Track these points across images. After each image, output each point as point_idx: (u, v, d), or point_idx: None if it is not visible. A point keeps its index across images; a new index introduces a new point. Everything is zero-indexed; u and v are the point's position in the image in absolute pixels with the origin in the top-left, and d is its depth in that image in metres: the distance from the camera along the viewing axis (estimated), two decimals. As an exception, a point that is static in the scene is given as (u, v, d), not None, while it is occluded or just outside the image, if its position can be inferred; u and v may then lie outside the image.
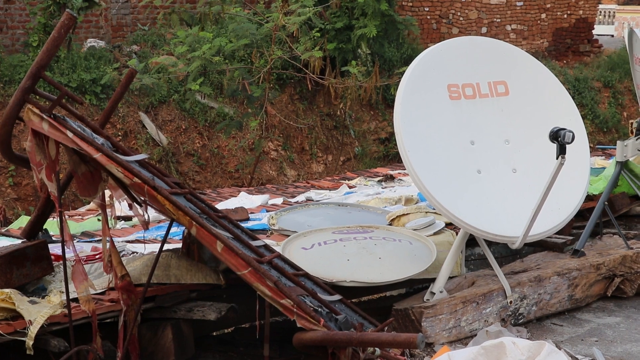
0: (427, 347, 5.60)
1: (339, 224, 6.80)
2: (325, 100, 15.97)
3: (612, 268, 6.63)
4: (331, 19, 15.34)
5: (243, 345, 5.91)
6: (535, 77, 6.49)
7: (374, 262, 6.03)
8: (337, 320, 4.86)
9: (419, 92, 5.96)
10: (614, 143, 8.68)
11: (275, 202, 8.17)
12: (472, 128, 6.10)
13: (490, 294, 5.97)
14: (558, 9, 20.92)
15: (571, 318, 6.38)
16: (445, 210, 5.73)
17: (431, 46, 6.35)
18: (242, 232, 5.48)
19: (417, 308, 5.72)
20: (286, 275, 5.07)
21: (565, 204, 6.11)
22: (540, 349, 4.67)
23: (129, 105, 14.26)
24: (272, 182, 14.32)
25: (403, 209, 7.04)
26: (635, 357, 5.61)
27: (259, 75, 12.93)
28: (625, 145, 7.55)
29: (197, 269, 5.41)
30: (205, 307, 5.29)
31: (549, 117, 6.17)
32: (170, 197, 4.81)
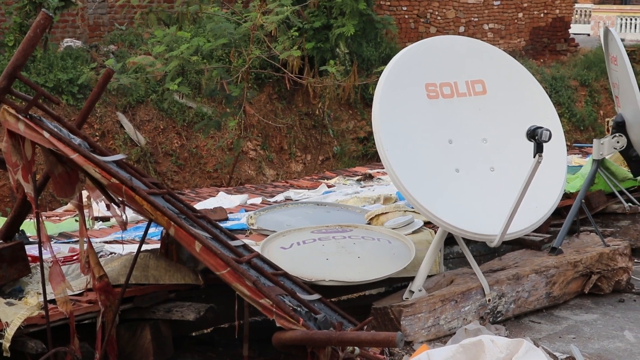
0: (406, 345, 5.61)
1: (318, 223, 6.80)
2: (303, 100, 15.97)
3: (589, 265, 6.67)
4: (309, 18, 15.35)
5: (222, 346, 5.91)
6: (512, 76, 6.52)
7: (353, 261, 6.03)
8: (317, 320, 4.86)
9: (397, 91, 5.98)
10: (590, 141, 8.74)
11: (254, 201, 8.16)
12: (450, 127, 6.12)
13: (469, 292, 5.99)
14: (535, 8, 21.03)
15: (549, 315, 6.42)
16: (423, 209, 5.74)
17: (409, 45, 6.36)
18: (220, 232, 5.47)
19: (396, 307, 5.73)
20: (265, 275, 5.06)
21: (543, 202, 6.14)
22: (519, 347, 4.69)
23: (106, 105, 14.19)
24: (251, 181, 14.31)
25: (382, 208, 7.05)
26: (612, 353, 5.65)
27: (237, 74, 12.91)
28: (601, 144, 7.60)
29: (176, 269, 5.39)
30: (184, 308, 5.28)
31: (526, 116, 6.20)
32: (149, 198, 4.80)
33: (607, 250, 6.79)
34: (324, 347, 4.61)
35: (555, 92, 18.63)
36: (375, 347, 5.01)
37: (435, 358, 4.71)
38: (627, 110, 7.62)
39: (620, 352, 5.68)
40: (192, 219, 5.16)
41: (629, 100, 7.52)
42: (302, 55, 13.45)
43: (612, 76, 7.99)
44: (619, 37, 7.76)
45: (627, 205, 7.91)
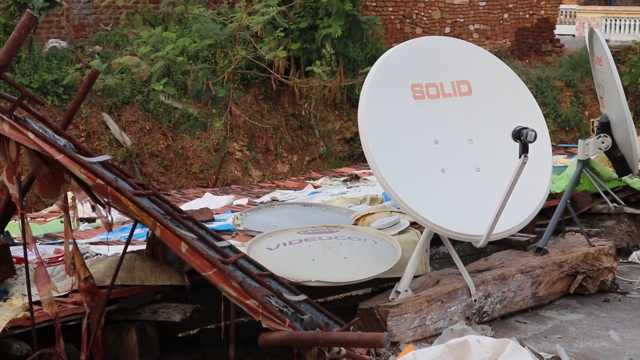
0: (392, 346, 5.61)
1: (304, 224, 6.80)
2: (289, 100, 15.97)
3: (575, 265, 6.70)
4: (295, 18, 15.34)
5: (208, 346, 5.90)
6: (498, 76, 6.53)
7: (339, 261, 6.03)
8: (303, 320, 4.86)
9: (383, 91, 5.98)
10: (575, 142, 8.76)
11: (240, 202, 8.15)
12: (435, 127, 6.13)
13: (455, 292, 6.00)
14: (520, 9, 21.09)
15: (535, 315, 6.43)
16: (409, 209, 5.75)
17: (395, 46, 6.37)
18: (206, 233, 5.46)
19: (383, 307, 5.73)
20: (251, 276, 5.06)
21: (528, 202, 6.16)
22: (505, 347, 4.70)
23: (91, 106, 14.15)
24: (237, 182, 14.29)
25: (368, 209, 7.06)
26: (597, 353, 5.67)
27: (223, 75, 12.89)
28: (586, 144, 7.62)
29: (162, 270, 5.38)
30: (170, 309, 5.27)
31: (511, 116, 6.22)
32: (134, 199, 4.78)
33: (592, 251, 6.81)
34: (310, 348, 4.61)
35: (541, 93, 18.68)
36: (362, 347, 5.01)
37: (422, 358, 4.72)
38: (611, 111, 7.65)
39: (606, 351, 5.70)
40: (178, 220, 5.15)
41: (614, 101, 7.55)
42: (288, 56, 13.45)
43: (596, 77, 8.01)
44: (604, 37, 7.79)
45: (612, 206, 7.94)
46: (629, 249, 7.93)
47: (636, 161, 7.73)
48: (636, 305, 6.68)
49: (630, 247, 7.94)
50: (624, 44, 21.66)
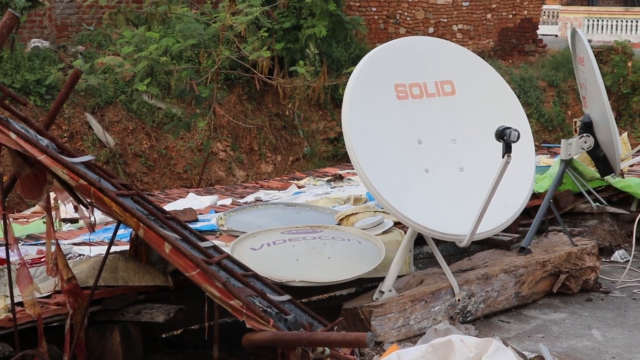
0: (376, 346, 5.62)
1: (288, 224, 6.79)
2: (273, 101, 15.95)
3: (558, 265, 6.72)
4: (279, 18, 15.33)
5: (192, 347, 5.89)
6: (481, 76, 6.55)
7: (323, 261, 6.03)
8: (287, 321, 4.85)
9: (367, 91, 5.99)
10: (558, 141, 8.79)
11: (224, 202, 8.14)
12: (419, 127, 6.14)
13: (439, 292, 6.01)
14: (503, 9, 21.15)
15: (518, 315, 6.45)
16: (393, 209, 5.76)
17: (379, 46, 6.38)
18: (190, 233, 5.45)
19: (367, 307, 5.74)
20: (235, 276, 5.05)
21: (512, 202, 6.18)
22: (488, 346, 4.71)
23: (74, 106, 14.09)
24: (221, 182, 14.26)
25: (352, 209, 7.06)
26: (580, 352, 5.69)
27: (207, 75, 12.86)
28: (569, 144, 7.65)
29: (145, 271, 5.36)
30: (154, 309, 5.25)
31: (494, 116, 6.24)
32: (117, 199, 4.77)
33: (575, 250, 6.84)
34: (294, 348, 4.61)
35: (524, 93, 18.75)
36: (346, 347, 5.01)
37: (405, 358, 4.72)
38: (594, 111, 7.68)
39: (589, 350, 5.73)
40: (161, 220, 5.14)
41: (596, 101, 7.58)
42: (272, 56, 13.44)
43: (579, 77, 8.05)
44: (586, 38, 7.82)
45: (595, 205, 7.97)
46: (612, 248, 7.97)
47: (618, 161, 7.77)
48: (618, 304, 6.71)
49: (612, 247, 7.98)
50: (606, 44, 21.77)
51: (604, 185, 8.24)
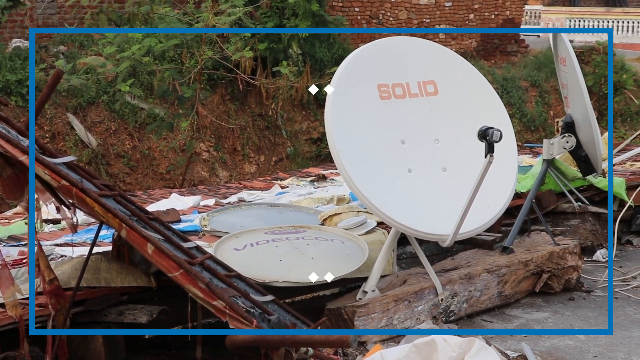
0: (359, 346, 5.62)
1: (271, 224, 6.79)
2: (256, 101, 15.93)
3: (540, 264, 6.75)
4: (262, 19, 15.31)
5: (175, 348, 5.87)
6: (463, 77, 6.57)
7: (306, 262, 6.03)
8: (270, 321, 4.85)
9: (350, 91, 5.99)
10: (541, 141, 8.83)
11: (207, 203, 8.12)
12: (402, 127, 6.15)
13: (422, 292, 6.02)
14: (486, 10, 21.21)
15: (501, 314, 6.47)
16: (376, 209, 5.76)
17: (362, 46, 6.38)
18: (173, 233, 5.43)
19: (350, 307, 5.74)
20: (218, 277, 5.04)
21: (494, 201, 6.20)
22: (471, 346, 4.72)
23: (56, 106, 14.03)
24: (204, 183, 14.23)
25: (335, 209, 7.07)
26: (562, 351, 5.72)
27: (190, 75, 12.84)
28: (551, 144, 7.68)
29: (128, 271, 5.35)
30: (137, 310, 5.24)
31: (477, 116, 6.25)
32: (100, 200, 4.75)
33: (557, 249, 6.87)
34: (277, 348, 4.61)
35: (506, 93, 18.80)
36: (329, 347, 5.01)
37: (389, 358, 4.73)
38: (576, 111, 7.71)
39: (571, 349, 5.75)
40: (144, 221, 5.12)
41: (578, 101, 7.62)
42: (255, 56, 13.42)
43: (561, 77, 8.07)
44: (568, 38, 7.85)
45: (577, 205, 8.00)
46: (594, 247, 8.00)
47: (600, 160, 7.80)
48: (600, 303, 6.74)
49: (594, 246, 8.01)
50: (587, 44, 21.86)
51: (585, 185, 8.27)
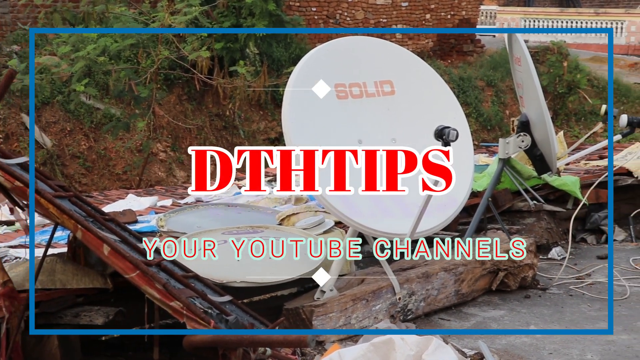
0: (317, 345, 5.63)
1: (229, 224, 6.77)
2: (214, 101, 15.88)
3: (497, 263, 6.80)
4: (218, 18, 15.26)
5: (132, 350, 5.82)
6: (420, 76, 6.59)
7: (264, 262, 6.02)
8: (228, 321, 4.83)
9: (307, 91, 5.98)
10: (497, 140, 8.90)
11: (164, 203, 8.08)
12: (359, 127, 6.16)
13: (380, 291, 6.04)
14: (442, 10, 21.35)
15: (458, 312, 6.51)
16: (334, 208, 5.77)
17: (319, 46, 6.38)
18: (129, 234, 5.39)
19: (308, 307, 5.74)
20: (175, 278, 5.01)
21: (451, 200, 6.23)
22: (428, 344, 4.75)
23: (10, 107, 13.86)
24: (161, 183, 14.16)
25: (293, 209, 7.06)
26: (518, 348, 5.77)
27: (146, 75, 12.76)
28: (507, 143, 7.74)
29: (84, 273, 5.30)
30: (93, 312, 5.19)
31: (433, 116, 6.28)
32: (54, 201, 4.70)
33: (513, 247, 6.92)
34: (235, 349, 4.59)
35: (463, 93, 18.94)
36: (287, 347, 5.01)
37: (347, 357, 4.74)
38: (531, 110, 7.79)
39: (527, 346, 5.81)
40: (100, 222, 5.08)
41: (533, 101, 7.69)
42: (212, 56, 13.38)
43: (516, 77, 8.15)
44: (523, 38, 7.92)
45: (532, 203, 8.08)
46: (549, 245, 8.08)
47: (554, 159, 7.89)
48: (555, 300, 6.82)
49: (549, 244, 8.09)
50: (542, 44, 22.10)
51: (541, 184, 8.35)
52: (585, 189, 8.43)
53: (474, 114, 18.84)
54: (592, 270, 7.59)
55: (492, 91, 19.94)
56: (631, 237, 8.77)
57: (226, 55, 15.11)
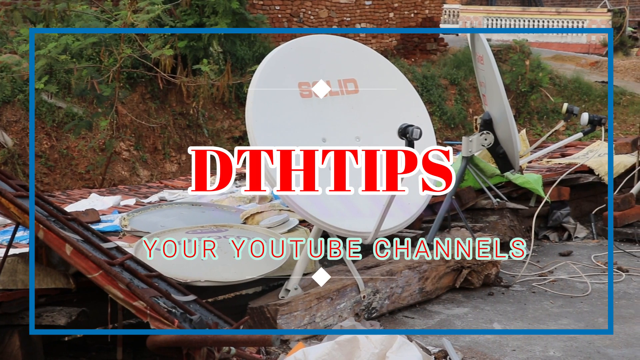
0: (282, 344, 5.63)
1: (193, 223, 6.75)
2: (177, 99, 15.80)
3: (460, 260, 6.84)
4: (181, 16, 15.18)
5: (95, 350, 5.78)
6: (384, 75, 6.61)
7: (228, 261, 6.01)
8: (192, 321, 4.82)
9: (271, 90, 5.98)
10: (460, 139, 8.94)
11: (128, 203, 8.02)
12: (323, 125, 6.16)
13: (344, 289, 6.05)
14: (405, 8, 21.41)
15: (422, 310, 6.54)
16: (298, 207, 5.77)
17: (282, 44, 6.38)
18: (92, 234, 5.36)
19: (272, 306, 5.74)
20: (139, 277, 4.99)
21: (415, 198, 6.26)
22: (392, 342, 4.77)
23: (-30, 105, 13.70)
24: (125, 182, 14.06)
25: (257, 207, 7.05)
26: (482, 345, 5.81)
27: (109, 74, 12.66)
28: (470, 141, 7.78)
29: (46, 273, 5.25)
30: (55, 312, 5.15)
31: (397, 114, 6.30)
32: (15, 200, 4.66)
33: (476, 245, 6.96)
34: (199, 348, 4.58)
35: (427, 91, 19.01)
36: (252, 346, 5.00)
37: (311, 356, 4.75)
38: (493, 109, 7.83)
39: (490, 343, 5.85)
40: (62, 222, 5.04)
41: (496, 99, 7.73)
42: (175, 54, 13.31)
43: (479, 75, 8.19)
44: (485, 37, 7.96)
45: (495, 201, 8.13)
46: (512, 243, 8.14)
47: (517, 157, 7.93)
48: (518, 298, 6.87)
49: (512, 241, 8.15)
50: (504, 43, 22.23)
51: (504, 182, 8.41)
52: (547, 187, 8.50)
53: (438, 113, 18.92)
54: (555, 267, 7.66)
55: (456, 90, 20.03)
56: (593, 234, 8.86)
57: (189, 54, 15.03)
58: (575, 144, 10.73)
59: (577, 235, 8.81)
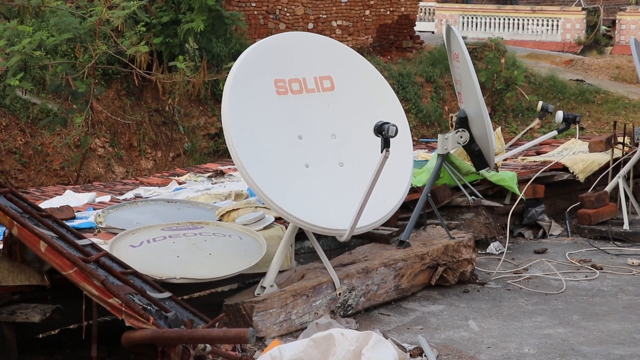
0: (258, 341, 5.62)
1: (169, 220, 6.73)
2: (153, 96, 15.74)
3: (436, 258, 6.86)
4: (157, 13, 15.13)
5: (70, 347, 5.75)
6: (359, 72, 6.62)
7: (204, 258, 6.00)
8: (167, 318, 4.81)
9: (246, 87, 5.98)
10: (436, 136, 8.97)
11: (103, 199, 7.98)
12: (299, 123, 6.17)
13: (320, 286, 6.06)
14: (381, 6, 21.43)
15: (398, 307, 6.56)
16: (274, 204, 5.77)
17: (258, 41, 6.37)
18: (67, 231, 5.33)
19: (248, 303, 5.73)
20: (114, 274, 4.97)
21: (391, 196, 6.27)
22: (368, 339, 4.78)
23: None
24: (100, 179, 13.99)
25: (233, 205, 7.04)
26: (457, 342, 5.83)
27: (84, 70, 12.60)
28: (445, 139, 7.81)
29: (20, 270, 5.22)
30: (29, 309, 5.11)
31: (373, 112, 6.31)
32: (-11, 197, 4.62)
33: (452, 243, 6.99)
34: (174, 345, 4.57)
35: (402, 89, 19.04)
36: (227, 343, 5.00)
37: (287, 353, 4.75)
38: (469, 106, 7.87)
39: (465, 341, 5.87)
40: (36, 218, 5.01)
41: (471, 97, 7.77)
42: (151, 51, 13.26)
43: (454, 73, 8.22)
44: (461, 35, 8.00)
45: (471, 199, 8.16)
46: (487, 240, 8.18)
47: (492, 155, 7.98)
48: (494, 295, 6.90)
49: (488, 239, 8.19)
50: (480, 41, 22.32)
51: (479, 179, 8.44)
52: (522, 185, 8.54)
53: (414, 110, 18.96)
54: (529, 265, 7.71)
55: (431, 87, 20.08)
56: (567, 231, 8.92)
57: (165, 50, 14.99)
58: (550, 141, 10.80)
59: (552, 233, 8.86)
